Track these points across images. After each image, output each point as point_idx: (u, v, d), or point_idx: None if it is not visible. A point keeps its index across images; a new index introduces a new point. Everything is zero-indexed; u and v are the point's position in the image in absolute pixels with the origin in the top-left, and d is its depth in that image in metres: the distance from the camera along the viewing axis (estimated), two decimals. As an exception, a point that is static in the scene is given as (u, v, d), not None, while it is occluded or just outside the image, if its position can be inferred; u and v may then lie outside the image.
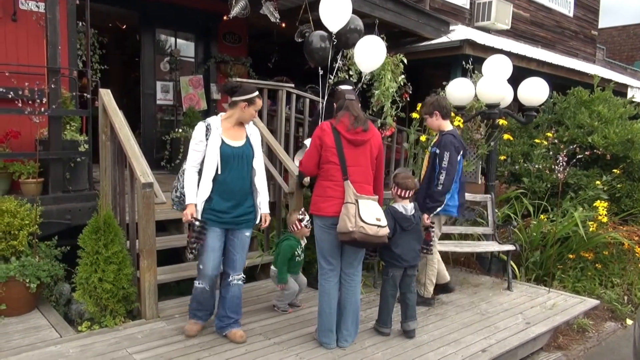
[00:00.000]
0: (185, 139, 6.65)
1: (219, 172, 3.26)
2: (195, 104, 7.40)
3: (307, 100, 6.30)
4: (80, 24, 4.98)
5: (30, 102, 3.92)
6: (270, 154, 4.99)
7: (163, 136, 7.14)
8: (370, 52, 4.31)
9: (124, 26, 8.38)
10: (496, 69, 5.10)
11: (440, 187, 3.93)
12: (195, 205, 3.25)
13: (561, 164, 5.02)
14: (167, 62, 7.47)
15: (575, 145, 6.15)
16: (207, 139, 3.26)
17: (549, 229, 5.40)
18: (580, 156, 5.84)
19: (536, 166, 6.23)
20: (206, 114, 7.53)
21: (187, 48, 7.71)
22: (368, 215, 3.14)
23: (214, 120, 3.34)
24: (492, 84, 4.92)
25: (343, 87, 3.70)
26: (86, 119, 4.63)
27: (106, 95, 4.14)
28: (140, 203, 3.60)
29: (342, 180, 3.23)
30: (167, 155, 7.03)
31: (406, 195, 3.56)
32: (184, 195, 3.31)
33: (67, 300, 3.98)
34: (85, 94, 4.63)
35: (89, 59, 4.80)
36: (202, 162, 3.28)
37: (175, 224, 4.93)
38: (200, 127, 3.31)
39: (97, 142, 4.32)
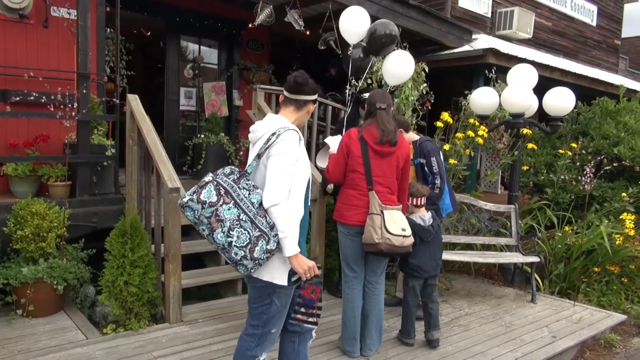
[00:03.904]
0: (207, 145, 6.70)
1: (309, 202, 2.46)
2: (218, 110, 7.46)
3: (330, 107, 6.31)
4: (109, 30, 5.07)
5: (61, 106, 3.98)
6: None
7: (185, 141, 7.20)
8: (399, 69, 4.32)
9: (149, 33, 8.51)
10: (522, 78, 5.05)
11: (437, 191, 3.96)
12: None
13: (588, 175, 4.94)
14: (191, 69, 7.55)
15: (601, 157, 6.06)
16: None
17: (573, 241, 5.32)
18: (607, 167, 5.74)
19: (560, 177, 6.14)
20: (228, 120, 7.60)
21: (210, 55, 7.79)
22: (393, 226, 3.13)
23: (293, 126, 2.40)
24: (518, 92, 4.87)
25: (376, 91, 3.44)
26: (113, 124, 4.70)
27: (134, 101, 4.21)
28: (166, 208, 3.64)
29: (367, 190, 3.22)
30: (189, 161, 7.10)
31: (421, 203, 3.57)
32: (277, 245, 2.24)
33: (92, 302, 4.04)
34: (112, 99, 4.71)
35: (117, 65, 4.88)
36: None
37: (198, 228, 4.96)
38: (294, 138, 2.30)
39: (123, 146, 4.39)
